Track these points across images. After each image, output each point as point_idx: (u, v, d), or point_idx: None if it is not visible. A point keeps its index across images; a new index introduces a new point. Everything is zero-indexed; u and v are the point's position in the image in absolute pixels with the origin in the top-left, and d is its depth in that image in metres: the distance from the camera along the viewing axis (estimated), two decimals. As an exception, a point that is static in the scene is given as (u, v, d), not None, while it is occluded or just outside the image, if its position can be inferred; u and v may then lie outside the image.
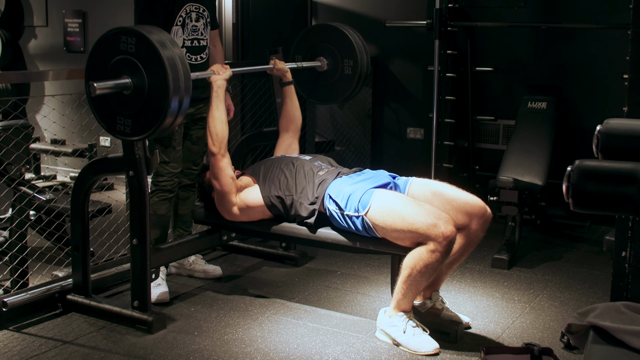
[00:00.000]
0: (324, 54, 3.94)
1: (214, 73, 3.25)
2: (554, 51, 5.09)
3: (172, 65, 2.70)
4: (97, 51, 2.84)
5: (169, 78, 2.69)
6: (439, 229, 2.77)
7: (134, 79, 2.75)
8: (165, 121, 2.75)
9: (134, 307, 3.12)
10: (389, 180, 3.14)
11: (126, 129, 2.83)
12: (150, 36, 2.71)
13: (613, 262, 2.82)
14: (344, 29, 3.90)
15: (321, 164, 3.27)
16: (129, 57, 2.75)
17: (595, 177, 1.88)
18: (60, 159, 6.21)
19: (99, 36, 2.84)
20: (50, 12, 6.66)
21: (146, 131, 2.80)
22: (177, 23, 3.45)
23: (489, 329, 3.19)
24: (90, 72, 2.85)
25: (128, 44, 2.73)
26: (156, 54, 2.69)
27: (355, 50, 3.85)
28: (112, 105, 2.83)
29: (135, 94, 2.76)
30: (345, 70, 3.89)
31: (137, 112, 2.79)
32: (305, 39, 4.01)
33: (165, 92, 2.71)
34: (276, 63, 3.65)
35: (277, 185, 3.17)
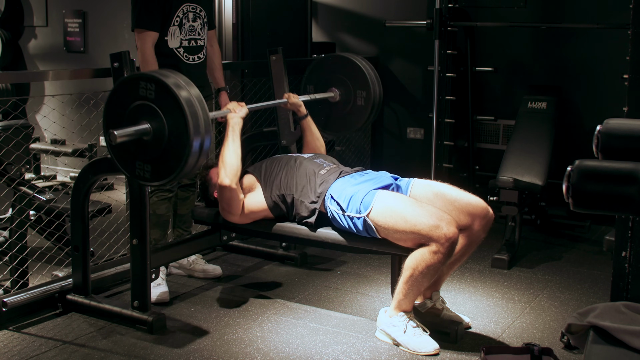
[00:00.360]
0: (336, 84, 3.90)
1: (230, 111, 3.22)
2: (554, 51, 5.09)
3: (190, 108, 2.62)
4: (115, 98, 2.78)
5: (188, 121, 2.60)
6: (441, 230, 2.76)
7: (153, 124, 2.68)
8: (187, 165, 2.66)
9: (134, 307, 3.12)
10: (391, 181, 3.14)
11: (145, 174, 2.75)
12: (167, 80, 2.63)
13: (613, 262, 2.82)
14: (356, 60, 3.86)
15: (323, 162, 3.27)
16: (147, 103, 2.67)
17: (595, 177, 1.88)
18: (60, 159, 6.21)
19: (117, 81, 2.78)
20: (50, 12, 6.66)
21: (167, 176, 2.72)
22: (175, 23, 3.45)
23: (489, 329, 3.19)
24: (108, 119, 2.78)
25: (147, 89, 2.66)
26: (174, 98, 2.62)
27: (368, 81, 3.81)
28: (131, 151, 2.76)
29: (155, 139, 2.69)
30: (358, 101, 3.85)
31: (158, 158, 2.71)
32: (316, 70, 3.97)
33: (185, 136, 2.62)
34: (290, 97, 3.62)
35: (278, 184, 3.17)
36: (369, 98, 3.84)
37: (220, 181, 3.10)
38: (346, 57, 3.94)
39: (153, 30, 3.40)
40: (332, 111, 3.91)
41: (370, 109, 3.85)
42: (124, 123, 2.71)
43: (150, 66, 3.36)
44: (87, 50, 6.41)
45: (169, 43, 3.47)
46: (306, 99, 3.76)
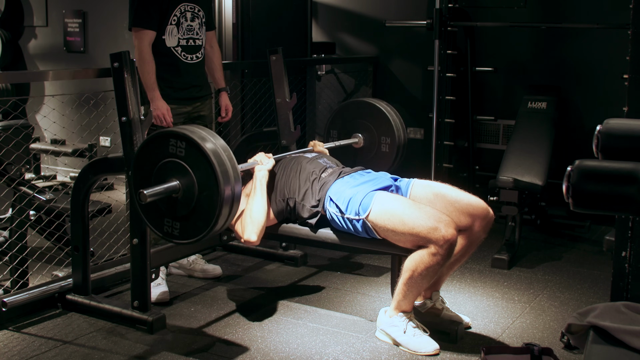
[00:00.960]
0: (360, 130, 3.88)
1: (257, 163, 3.17)
2: (554, 51, 5.09)
3: (219, 161, 2.57)
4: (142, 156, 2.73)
5: (218, 175, 2.56)
6: (439, 232, 2.76)
7: (182, 181, 2.63)
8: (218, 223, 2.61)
9: (134, 307, 3.12)
10: (390, 182, 3.13)
11: (174, 231, 2.70)
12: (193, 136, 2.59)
13: (613, 262, 2.81)
14: (380, 106, 3.84)
15: (326, 162, 3.26)
16: (176, 160, 2.63)
17: (595, 177, 1.88)
18: (60, 159, 6.21)
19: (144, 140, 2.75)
20: (50, 12, 6.66)
21: (197, 234, 2.66)
22: (172, 22, 3.46)
23: (489, 329, 3.18)
24: (137, 177, 2.74)
25: (177, 147, 2.62)
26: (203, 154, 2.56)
27: (392, 127, 3.79)
28: (160, 208, 2.71)
29: (184, 197, 2.65)
30: (382, 147, 3.83)
31: (187, 215, 2.66)
32: (340, 115, 3.96)
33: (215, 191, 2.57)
34: (315, 145, 3.60)
35: (281, 189, 3.16)
36: (393, 144, 3.80)
37: (247, 238, 3.01)
38: (370, 102, 3.90)
39: (150, 29, 3.40)
40: (357, 157, 3.86)
41: (395, 155, 3.82)
42: (153, 181, 2.67)
43: (147, 65, 3.37)
44: (87, 50, 6.41)
45: (167, 42, 3.47)
46: (330, 146, 3.73)
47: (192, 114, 3.62)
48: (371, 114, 3.86)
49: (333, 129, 3.98)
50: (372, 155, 3.87)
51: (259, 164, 3.16)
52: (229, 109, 3.80)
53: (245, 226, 3.03)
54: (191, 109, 3.60)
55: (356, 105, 3.98)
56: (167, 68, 3.48)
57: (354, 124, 3.91)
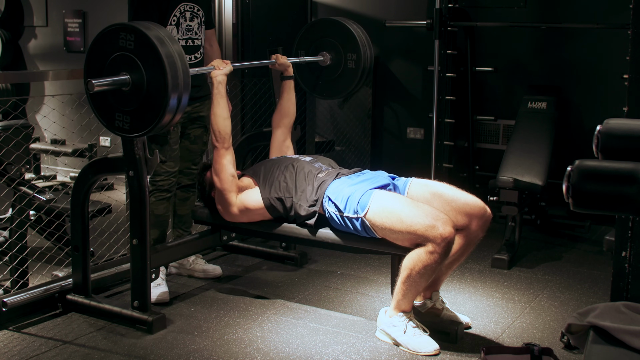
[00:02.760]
0: (327, 48, 3.95)
1: (214, 68, 3.25)
2: (554, 51, 5.09)
3: (170, 62, 2.70)
4: (96, 48, 2.84)
5: (167, 75, 2.69)
6: (437, 230, 2.76)
7: (132, 76, 2.75)
8: (164, 118, 2.75)
9: (134, 307, 3.12)
10: (388, 181, 3.14)
11: (125, 125, 2.83)
12: (148, 32, 2.71)
13: (613, 262, 2.82)
14: (347, 23, 3.91)
15: (321, 166, 3.27)
16: (127, 54, 2.74)
17: (595, 177, 1.88)
18: (60, 159, 6.21)
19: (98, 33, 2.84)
20: (50, 12, 6.66)
21: (145, 128, 2.80)
22: (172, 22, 3.45)
23: (489, 329, 3.19)
24: (89, 69, 2.86)
25: (127, 40, 2.73)
26: (155, 51, 2.69)
27: (358, 44, 3.86)
28: (111, 102, 2.83)
29: (133, 91, 2.77)
30: (348, 64, 3.89)
31: (136, 109, 2.79)
32: (308, 34, 4.01)
33: (164, 89, 2.71)
34: (278, 58, 3.66)
35: (277, 187, 3.17)
36: (359, 61, 3.88)
37: (213, 145, 3.18)
38: (337, 20, 3.98)
39: None
40: (323, 75, 3.96)
41: (360, 72, 3.90)
42: (104, 74, 2.77)
43: None
44: (87, 50, 6.41)
45: None
46: (295, 60, 3.81)
47: (191, 114, 3.62)
48: (338, 31, 3.93)
49: (300, 49, 4.03)
50: (338, 73, 3.94)
51: (217, 69, 3.25)
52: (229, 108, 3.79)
53: (211, 135, 3.22)
54: (190, 109, 3.59)
55: (323, 23, 4.08)
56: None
57: (322, 43, 3.97)
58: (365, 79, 3.96)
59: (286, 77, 3.69)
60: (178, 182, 3.66)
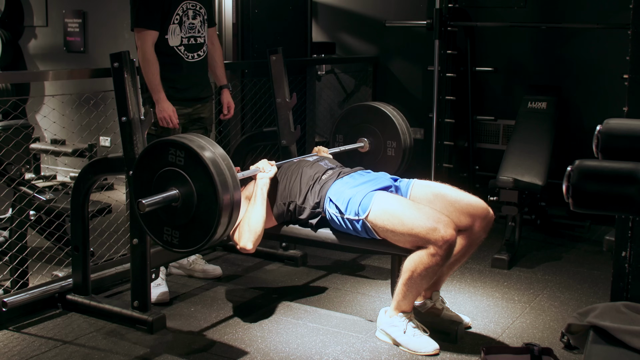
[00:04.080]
0: (366, 134, 3.86)
1: (259, 170, 3.14)
2: (554, 51, 5.09)
3: (218, 171, 2.56)
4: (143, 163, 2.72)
5: (217, 185, 2.54)
6: (438, 232, 2.76)
7: (181, 190, 2.62)
8: (217, 232, 2.59)
9: (134, 307, 3.12)
10: (390, 183, 3.13)
11: (174, 240, 2.69)
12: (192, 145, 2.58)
13: (613, 262, 2.81)
14: (386, 109, 3.82)
15: (327, 165, 3.26)
16: (175, 169, 2.62)
17: (595, 177, 1.88)
18: (60, 159, 6.20)
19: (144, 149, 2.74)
20: (50, 12, 6.65)
21: (196, 243, 2.64)
22: (174, 21, 3.45)
23: (489, 329, 3.19)
24: (137, 186, 2.73)
25: (177, 156, 2.60)
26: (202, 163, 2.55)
27: (398, 131, 3.77)
28: (160, 217, 2.69)
29: (183, 206, 2.63)
30: (388, 151, 3.81)
31: (186, 224, 2.64)
32: (346, 119, 3.94)
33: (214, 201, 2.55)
34: (319, 151, 3.59)
35: (281, 192, 3.16)
36: (399, 148, 3.78)
37: (244, 245, 2.99)
38: (376, 106, 3.88)
39: (153, 29, 3.39)
40: (363, 161, 3.79)
41: (401, 159, 3.80)
42: (153, 189, 2.66)
43: (151, 66, 3.36)
44: (87, 50, 6.41)
45: (170, 41, 3.46)
46: (336, 151, 3.72)
47: (192, 115, 3.62)
48: (377, 118, 3.83)
49: (339, 134, 3.96)
50: (378, 159, 3.84)
51: (261, 172, 3.14)
52: (231, 106, 3.80)
53: (243, 234, 3.00)
54: (192, 110, 3.60)
55: (362, 109, 3.96)
56: (169, 67, 3.46)
57: (360, 128, 3.88)
58: (406, 165, 3.85)
59: None
60: None
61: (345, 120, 3.96)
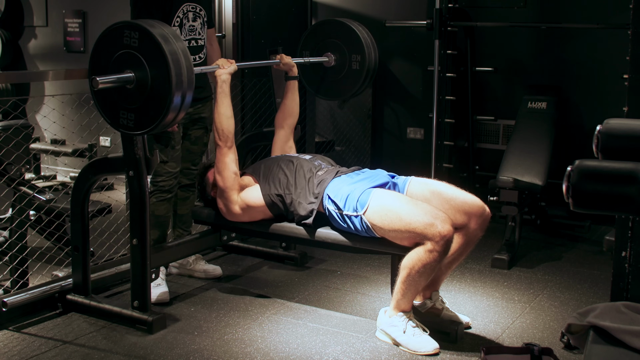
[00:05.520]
0: (332, 49, 3.93)
1: (219, 67, 3.25)
2: (554, 51, 5.09)
3: (174, 60, 2.69)
4: (100, 46, 2.83)
5: (171, 72, 2.68)
6: (435, 228, 2.77)
7: (137, 73, 2.74)
8: (167, 115, 2.74)
9: (134, 307, 3.12)
10: (387, 179, 3.14)
11: (129, 123, 2.82)
12: (153, 30, 2.71)
13: (613, 262, 2.82)
14: (352, 25, 3.90)
15: (321, 163, 3.28)
16: (132, 52, 2.74)
17: (595, 177, 1.88)
18: (60, 159, 6.21)
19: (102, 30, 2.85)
20: (50, 12, 6.66)
21: (149, 125, 2.78)
22: (175, 24, 3.44)
23: (489, 329, 3.19)
24: (93, 67, 2.85)
25: (131, 38, 2.73)
26: (159, 48, 2.68)
27: (362, 45, 3.85)
28: (115, 100, 2.83)
29: (138, 88, 2.76)
30: (353, 65, 3.88)
31: (140, 107, 2.77)
32: (312, 35, 4.00)
33: (168, 86, 2.70)
34: (283, 58, 3.64)
35: (277, 184, 3.18)
36: (363, 62, 3.86)
37: (216, 144, 3.18)
38: (341, 21, 3.96)
39: None
40: (327, 76, 3.94)
41: (365, 73, 3.88)
42: (109, 72, 2.77)
43: None
44: (87, 50, 6.41)
45: None
46: (300, 61, 3.80)
47: (192, 115, 3.61)
48: (342, 33, 3.90)
49: (305, 50, 4.01)
50: (342, 74, 3.92)
51: (221, 68, 3.23)
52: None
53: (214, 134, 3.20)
54: (192, 110, 3.59)
55: (327, 24, 4.03)
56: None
57: (326, 44, 3.95)
58: (370, 80, 3.95)
59: (291, 77, 3.68)
60: (178, 182, 3.66)
61: (311, 36, 4.02)
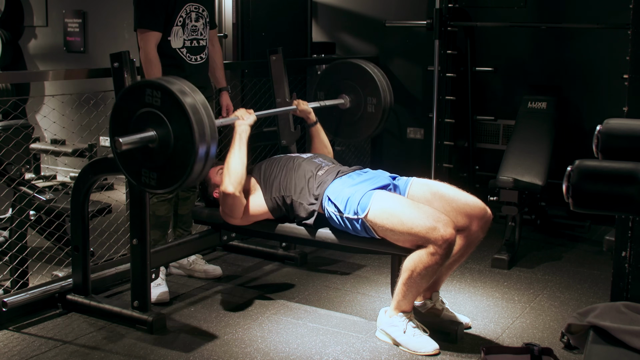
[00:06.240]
0: (347, 91, 3.88)
1: (238, 118, 3.20)
2: (554, 51, 5.09)
3: (196, 115, 2.59)
4: (121, 105, 2.76)
5: (193, 127, 2.58)
6: (438, 232, 2.76)
7: (159, 131, 2.65)
8: (192, 172, 2.63)
9: (134, 307, 3.12)
10: (388, 181, 3.13)
11: (152, 181, 2.73)
12: (172, 87, 2.62)
13: (613, 262, 2.82)
14: (367, 67, 3.84)
15: (322, 161, 3.27)
16: (153, 110, 2.65)
17: (595, 177, 1.88)
18: (60, 159, 6.21)
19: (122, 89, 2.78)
20: (50, 12, 6.66)
21: (173, 183, 2.69)
22: (178, 23, 3.44)
23: (489, 329, 3.19)
24: (114, 126, 2.77)
25: (153, 97, 2.64)
26: (179, 105, 2.59)
27: (378, 88, 3.79)
28: (137, 157, 2.73)
29: (161, 147, 2.67)
30: (368, 108, 3.82)
31: (164, 165, 2.68)
32: (327, 76, 3.96)
33: (191, 143, 2.59)
34: (299, 104, 3.62)
35: (277, 186, 3.17)
36: (379, 105, 3.80)
37: (224, 189, 3.07)
38: (357, 63, 3.89)
39: (156, 31, 3.38)
40: (343, 118, 3.87)
41: (381, 115, 3.82)
42: (130, 130, 2.68)
43: (153, 67, 3.35)
44: (87, 50, 6.41)
45: (172, 43, 3.45)
46: (316, 105, 3.74)
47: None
48: (358, 74, 3.86)
49: (320, 91, 3.98)
50: (358, 116, 3.88)
51: (240, 120, 3.20)
52: (230, 109, 3.79)
53: (224, 178, 3.08)
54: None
55: (343, 66, 3.98)
56: (171, 69, 3.46)
57: (341, 85, 3.91)
58: (386, 121, 3.89)
59: (312, 125, 3.66)
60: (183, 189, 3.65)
61: (326, 77, 3.99)
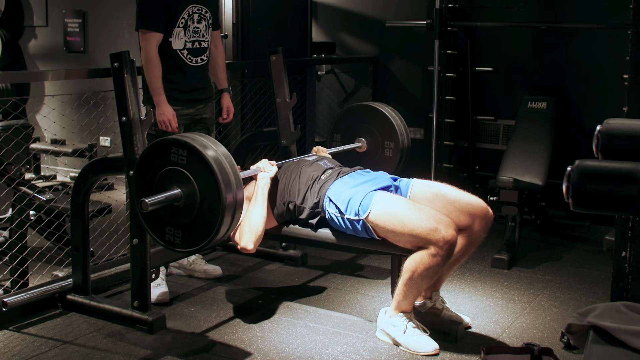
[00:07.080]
0: (363, 134, 3.86)
1: (260, 170, 3.13)
2: (554, 51, 5.09)
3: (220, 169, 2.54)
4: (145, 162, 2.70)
5: (220, 183, 2.52)
6: (439, 233, 2.76)
7: (184, 189, 2.59)
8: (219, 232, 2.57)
9: (134, 307, 3.12)
10: (389, 182, 3.12)
11: (176, 240, 2.66)
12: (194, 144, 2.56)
13: (613, 262, 2.81)
14: (384, 110, 3.81)
15: (326, 164, 3.25)
16: (177, 168, 2.59)
17: (595, 177, 1.88)
18: (60, 159, 6.20)
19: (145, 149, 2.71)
20: (50, 12, 6.65)
21: (199, 243, 2.62)
22: (180, 25, 3.44)
23: (489, 329, 3.19)
24: (138, 186, 2.71)
25: (179, 155, 2.58)
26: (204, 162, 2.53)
27: (396, 132, 3.77)
28: (161, 216, 2.67)
29: (186, 205, 2.60)
30: (386, 152, 3.80)
31: (189, 223, 2.61)
32: (343, 119, 3.93)
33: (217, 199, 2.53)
34: (318, 151, 3.59)
35: (281, 192, 3.15)
36: (397, 149, 3.79)
37: (244, 245, 2.96)
38: (373, 106, 3.87)
39: (158, 32, 3.37)
40: (361, 161, 3.77)
41: (398, 159, 3.80)
42: (155, 189, 2.63)
43: (154, 68, 3.35)
44: (87, 50, 6.41)
45: (173, 44, 3.45)
46: (334, 151, 3.72)
47: (194, 116, 3.61)
48: (375, 118, 3.83)
49: (336, 133, 3.96)
50: (375, 159, 3.84)
51: (262, 171, 3.13)
52: (230, 110, 3.79)
53: (243, 234, 2.98)
54: (194, 111, 3.59)
55: (359, 109, 3.95)
56: (172, 70, 3.46)
57: (358, 128, 3.88)
58: (404, 165, 3.85)
59: None
60: None
61: (343, 119, 3.96)
